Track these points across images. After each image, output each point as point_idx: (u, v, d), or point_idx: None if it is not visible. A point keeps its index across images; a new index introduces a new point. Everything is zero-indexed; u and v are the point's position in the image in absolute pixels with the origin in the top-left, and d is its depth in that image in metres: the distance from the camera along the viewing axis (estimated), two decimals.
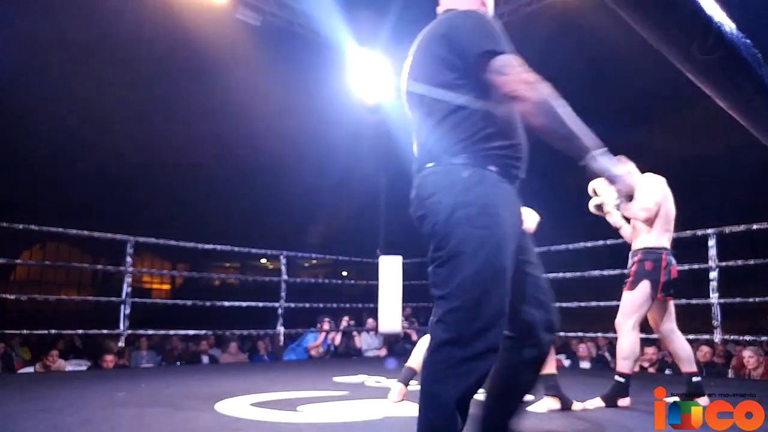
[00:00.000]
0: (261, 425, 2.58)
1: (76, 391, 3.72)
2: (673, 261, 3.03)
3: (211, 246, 5.96)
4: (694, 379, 3.02)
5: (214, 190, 13.37)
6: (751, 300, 4.74)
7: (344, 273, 18.80)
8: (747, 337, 5.02)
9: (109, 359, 5.60)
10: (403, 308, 6.85)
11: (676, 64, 0.78)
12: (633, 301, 3.01)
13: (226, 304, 6.34)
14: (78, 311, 11.66)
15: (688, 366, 3.06)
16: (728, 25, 0.73)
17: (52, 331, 5.48)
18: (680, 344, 3.09)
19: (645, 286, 2.97)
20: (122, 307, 5.21)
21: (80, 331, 5.67)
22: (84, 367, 5.96)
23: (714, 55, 0.76)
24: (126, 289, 5.24)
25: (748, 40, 0.79)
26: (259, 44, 7.24)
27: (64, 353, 6.07)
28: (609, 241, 5.07)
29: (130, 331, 5.27)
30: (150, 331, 5.85)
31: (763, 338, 5.00)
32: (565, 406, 2.92)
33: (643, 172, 3.10)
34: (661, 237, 3.03)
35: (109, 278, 17.06)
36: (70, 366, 5.82)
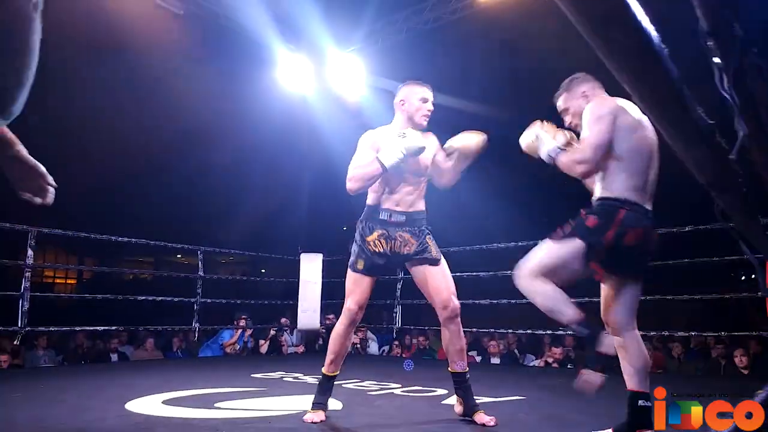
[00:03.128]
0: (175, 423, 2.52)
1: (47, 385, 3.46)
2: (638, 222, 2.04)
3: (124, 239, 5.67)
4: (641, 402, 2.14)
5: (128, 181, 12.72)
6: (643, 298, 5.16)
7: (262, 270, 18.46)
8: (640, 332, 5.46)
9: (3, 359, 5.19)
10: (323, 305, 6.87)
11: (595, 47, 0.86)
12: (548, 253, 2.08)
13: (140, 298, 6.07)
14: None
15: (635, 382, 2.20)
16: (641, 14, 0.83)
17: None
18: (634, 350, 2.20)
19: (576, 245, 2.04)
20: (20, 302, 4.86)
21: (53, 329, 5.25)
22: (53, 363, 5.58)
23: (632, 40, 0.86)
24: (25, 283, 4.89)
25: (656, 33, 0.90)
26: (182, 34, 6.98)
27: None
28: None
29: (29, 328, 4.93)
30: (53, 328, 5.48)
31: (652, 333, 5.45)
32: (467, 412, 2.57)
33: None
34: (625, 183, 2.07)
35: (2, 272, 15.72)
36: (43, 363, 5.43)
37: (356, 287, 2.72)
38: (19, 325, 4.85)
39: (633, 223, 2.03)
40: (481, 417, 2.51)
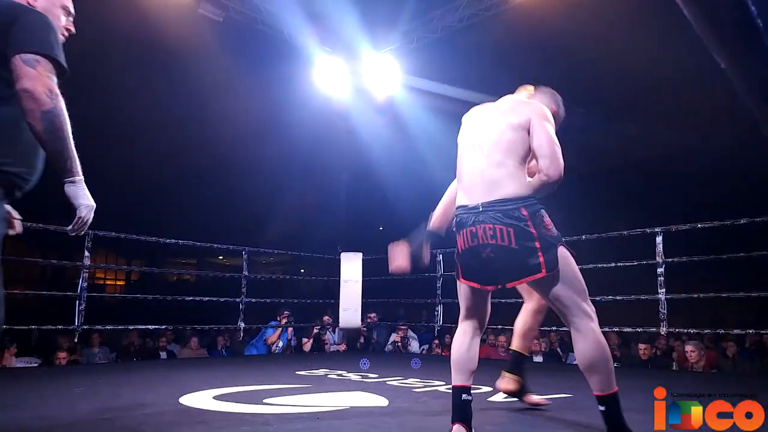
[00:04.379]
0: (228, 417, 2.59)
1: (30, 387, 3.62)
2: (461, 225, 2.04)
3: (172, 241, 5.85)
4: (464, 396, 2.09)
5: (173, 185, 13.10)
6: (695, 295, 5.02)
7: (302, 270, 18.72)
8: (691, 330, 5.31)
9: (62, 356, 5.45)
10: (363, 304, 6.93)
11: (696, 22, 0.87)
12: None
13: (187, 298, 6.26)
14: (25, 308, 11.22)
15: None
16: None
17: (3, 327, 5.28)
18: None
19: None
20: (77, 302, 5.07)
21: (34, 327, 5.47)
22: (35, 364, 5.78)
23: (735, 14, 0.86)
24: (82, 284, 5.10)
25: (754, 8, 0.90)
26: (222, 40, 7.17)
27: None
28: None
29: (85, 327, 5.14)
30: (108, 327, 5.70)
31: (706, 331, 5.29)
32: (522, 393, 2.81)
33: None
34: (457, 188, 2.18)
35: (59, 274, 16.40)
36: (20, 363, 5.63)
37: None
38: (76, 323, 5.06)
39: (458, 227, 2.08)
40: (532, 398, 2.75)
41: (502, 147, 2.02)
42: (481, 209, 1.98)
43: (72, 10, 1.79)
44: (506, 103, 2.18)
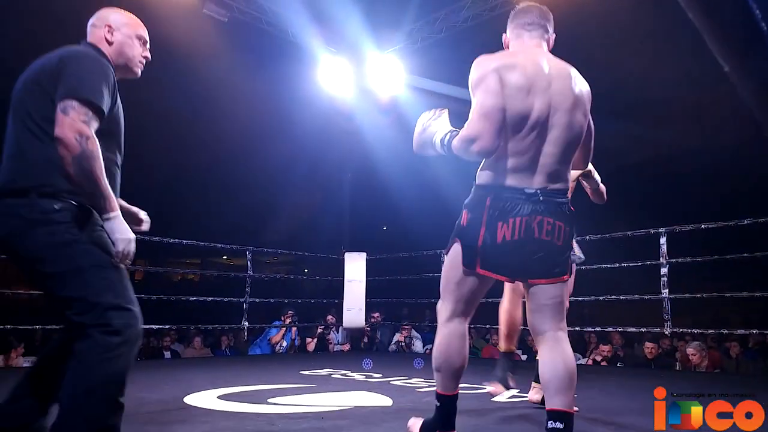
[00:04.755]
0: (232, 416, 2.61)
1: None
2: (511, 213, 1.69)
3: (176, 240, 5.87)
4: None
5: (177, 184, 13.14)
6: (698, 295, 5.02)
7: (305, 270, 18.75)
8: (694, 330, 5.31)
9: None
10: (367, 304, 6.95)
11: (699, 25, 0.89)
12: (444, 274, 1.85)
13: (192, 298, 6.28)
14: (31, 308, 11.28)
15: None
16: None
17: (7, 326, 5.31)
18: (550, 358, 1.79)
19: (455, 250, 1.79)
20: None
21: (39, 327, 5.51)
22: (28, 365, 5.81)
23: (739, 18, 0.88)
24: None
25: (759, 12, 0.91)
26: (227, 40, 7.19)
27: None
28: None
29: None
30: None
31: (709, 331, 5.29)
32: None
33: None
34: (501, 163, 1.72)
35: None
36: (27, 363, 5.67)
37: None
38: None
39: (502, 212, 1.69)
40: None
41: (575, 139, 1.75)
42: (541, 198, 1.70)
43: (147, 38, 1.88)
44: (567, 70, 1.77)
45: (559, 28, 1.98)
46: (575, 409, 2.29)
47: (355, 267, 6.87)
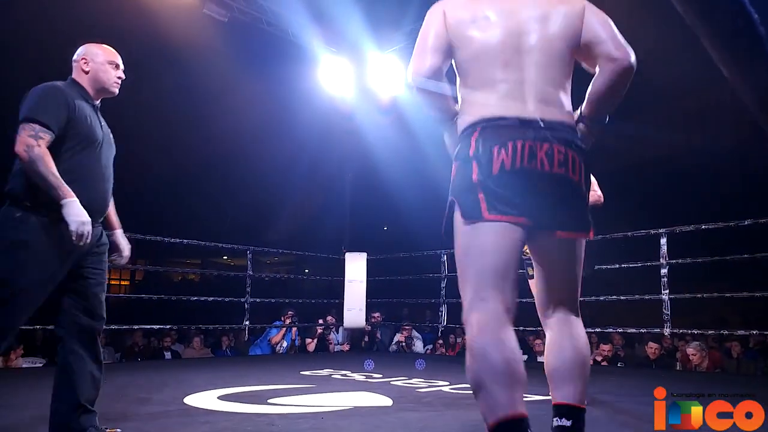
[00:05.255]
0: (232, 417, 2.61)
1: (35, 387, 3.64)
2: (507, 136, 1.37)
3: (177, 240, 5.87)
4: None
5: (175, 184, 13.15)
6: (698, 296, 5.01)
7: (306, 270, 18.76)
8: (694, 331, 5.30)
9: None
10: (367, 304, 6.95)
11: (697, 30, 0.89)
12: (457, 258, 1.43)
13: (192, 298, 6.29)
14: None
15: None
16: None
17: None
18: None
19: (456, 214, 1.42)
20: None
21: (39, 327, 5.50)
22: (40, 364, 5.80)
23: (736, 23, 0.88)
24: None
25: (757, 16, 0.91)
26: (227, 40, 7.19)
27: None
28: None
29: None
30: (113, 327, 5.72)
31: (710, 332, 5.29)
32: None
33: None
34: (479, 98, 1.46)
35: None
36: (26, 363, 5.66)
37: None
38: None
39: (495, 138, 1.37)
40: None
41: (559, 56, 1.45)
42: (542, 125, 1.38)
43: (119, 63, 2.22)
44: None
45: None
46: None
47: (356, 267, 6.87)
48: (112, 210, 2.27)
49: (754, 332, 5.50)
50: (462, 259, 1.40)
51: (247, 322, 6.30)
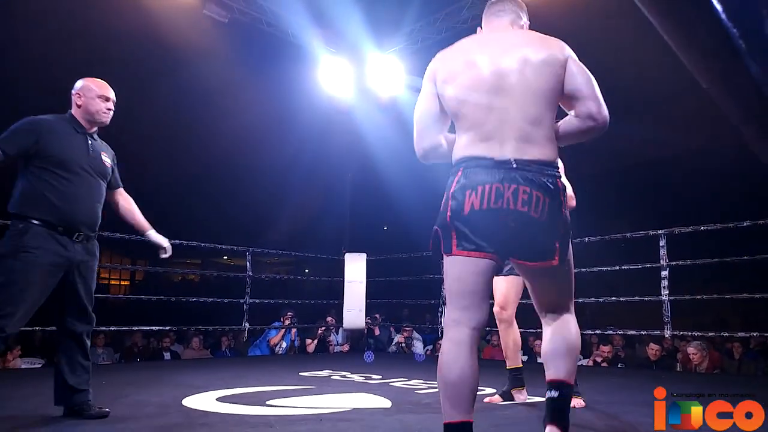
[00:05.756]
0: (230, 419, 2.60)
1: (34, 388, 3.63)
2: (482, 179, 1.56)
3: (177, 241, 5.84)
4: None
5: (175, 185, 13.14)
6: (698, 297, 5.01)
7: (306, 270, 18.75)
8: (695, 333, 5.30)
9: None
10: (367, 305, 6.94)
11: (675, 47, 0.89)
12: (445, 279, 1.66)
13: (192, 299, 6.28)
14: None
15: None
16: (723, 12, 0.84)
17: None
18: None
19: (437, 238, 1.64)
20: None
21: (38, 328, 5.49)
22: (38, 365, 5.80)
23: (714, 39, 0.87)
24: None
25: (736, 30, 0.90)
26: (227, 40, 7.19)
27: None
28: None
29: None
30: (112, 327, 5.72)
31: (710, 334, 5.28)
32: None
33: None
34: (464, 140, 1.65)
35: None
36: (25, 364, 5.66)
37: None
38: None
39: (469, 182, 1.57)
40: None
41: (539, 95, 1.60)
42: (514, 165, 1.56)
43: (109, 96, 2.55)
44: (521, 36, 1.73)
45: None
46: (582, 403, 2.43)
47: (356, 268, 6.87)
48: (138, 215, 2.79)
49: (755, 334, 5.49)
50: (445, 282, 1.66)
51: (247, 323, 6.30)
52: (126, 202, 2.78)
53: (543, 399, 2.06)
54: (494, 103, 1.59)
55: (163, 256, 2.82)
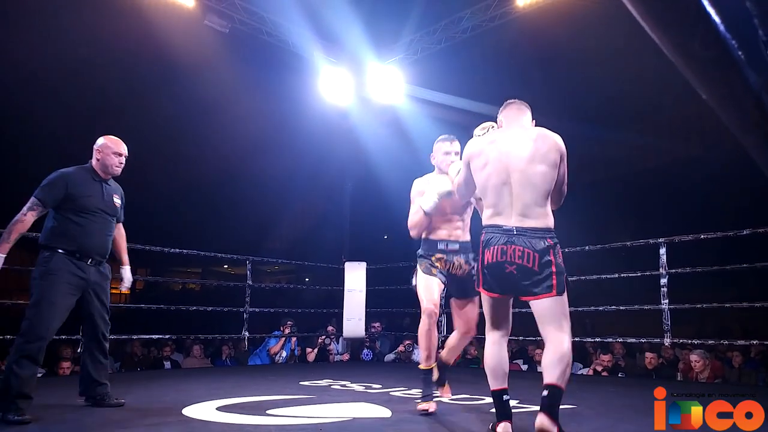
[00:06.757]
0: (230, 428, 2.60)
1: (34, 397, 3.63)
2: (494, 241, 2.28)
3: (177, 250, 5.87)
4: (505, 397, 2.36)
5: (176, 194, 13.17)
6: (698, 306, 5.00)
7: (306, 279, 18.73)
8: (695, 341, 5.29)
9: (66, 366, 5.44)
10: (367, 314, 6.92)
11: (673, 59, 0.90)
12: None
13: (192, 308, 6.27)
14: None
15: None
16: (721, 23, 0.85)
17: (8, 337, 5.30)
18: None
19: (477, 275, 2.45)
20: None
21: None
22: (38, 374, 5.77)
23: (711, 52, 0.88)
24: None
25: (734, 41, 0.91)
26: (228, 51, 7.24)
27: None
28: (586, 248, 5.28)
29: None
30: (112, 336, 5.69)
31: (710, 342, 5.27)
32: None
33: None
34: (487, 213, 2.38)
35: None
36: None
37: (428, 287, 3.11)
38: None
39: (487, 243, 2.32)
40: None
41: (536, 186, 2.27)
42: (515, 232, 2.26)
43: (121, 152, 3.15)
44: (532, 134, 2.35)
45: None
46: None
47: (356, 276, 6.86)
48: (123, 249, 3.39)
49: (755, 342, 5.47)
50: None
51: (247, 332, 6.29)
52: (119, 236, 3.36)
53: (536, 407, 2.10)
54: (503, 191, 2.30)
55: (121, 288, 3.48)
